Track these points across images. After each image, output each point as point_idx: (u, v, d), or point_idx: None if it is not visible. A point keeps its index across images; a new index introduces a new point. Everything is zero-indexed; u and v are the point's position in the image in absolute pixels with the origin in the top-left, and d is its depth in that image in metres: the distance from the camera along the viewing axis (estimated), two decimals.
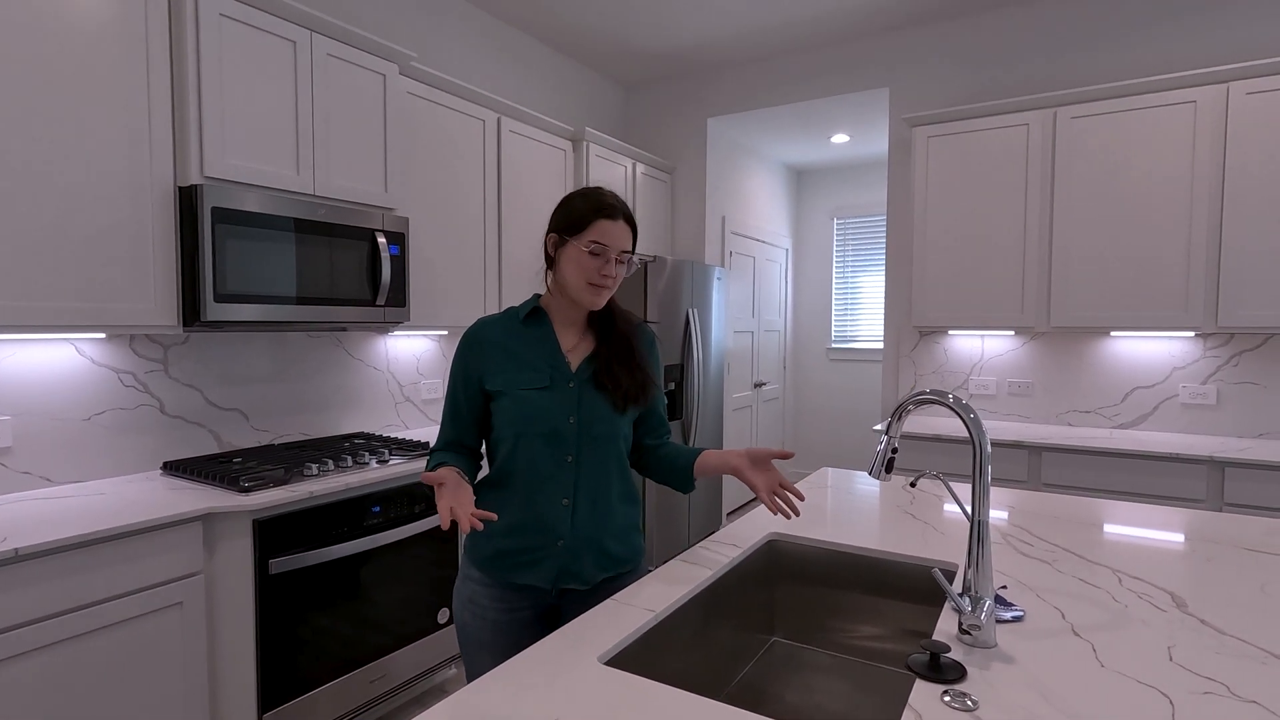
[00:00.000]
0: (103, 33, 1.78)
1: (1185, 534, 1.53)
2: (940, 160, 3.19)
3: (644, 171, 4.01)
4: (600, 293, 1.27)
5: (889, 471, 1.19)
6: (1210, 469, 2.51)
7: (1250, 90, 2.57)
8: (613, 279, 1.27)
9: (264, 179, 2.08)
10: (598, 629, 1.06)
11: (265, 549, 1.86)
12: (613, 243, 1.25)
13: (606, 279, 1.26)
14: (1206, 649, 0.98)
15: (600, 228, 1.24)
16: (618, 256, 1.26)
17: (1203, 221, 2.67)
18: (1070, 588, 1.21)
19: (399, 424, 2.94)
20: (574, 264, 1.26)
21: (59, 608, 1.52)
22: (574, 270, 1.26)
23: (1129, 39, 3.04)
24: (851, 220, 5.50)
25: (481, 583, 1.29)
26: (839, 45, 3.74)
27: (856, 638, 1.43)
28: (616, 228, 1.26)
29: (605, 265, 1.25)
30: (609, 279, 1.26)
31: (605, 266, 1.25)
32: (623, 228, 1.27)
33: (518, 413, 1.25)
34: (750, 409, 5.00)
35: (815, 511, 1.70)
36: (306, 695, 1.97)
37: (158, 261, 1.90)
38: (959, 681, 0.90)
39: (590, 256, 1.24)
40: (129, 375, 2.10)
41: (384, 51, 2.42)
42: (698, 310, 3.79)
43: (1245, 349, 2.85)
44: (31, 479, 1.91)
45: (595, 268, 1.25)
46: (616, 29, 3.58)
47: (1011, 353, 3.31)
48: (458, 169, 2.83)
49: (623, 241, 1.27)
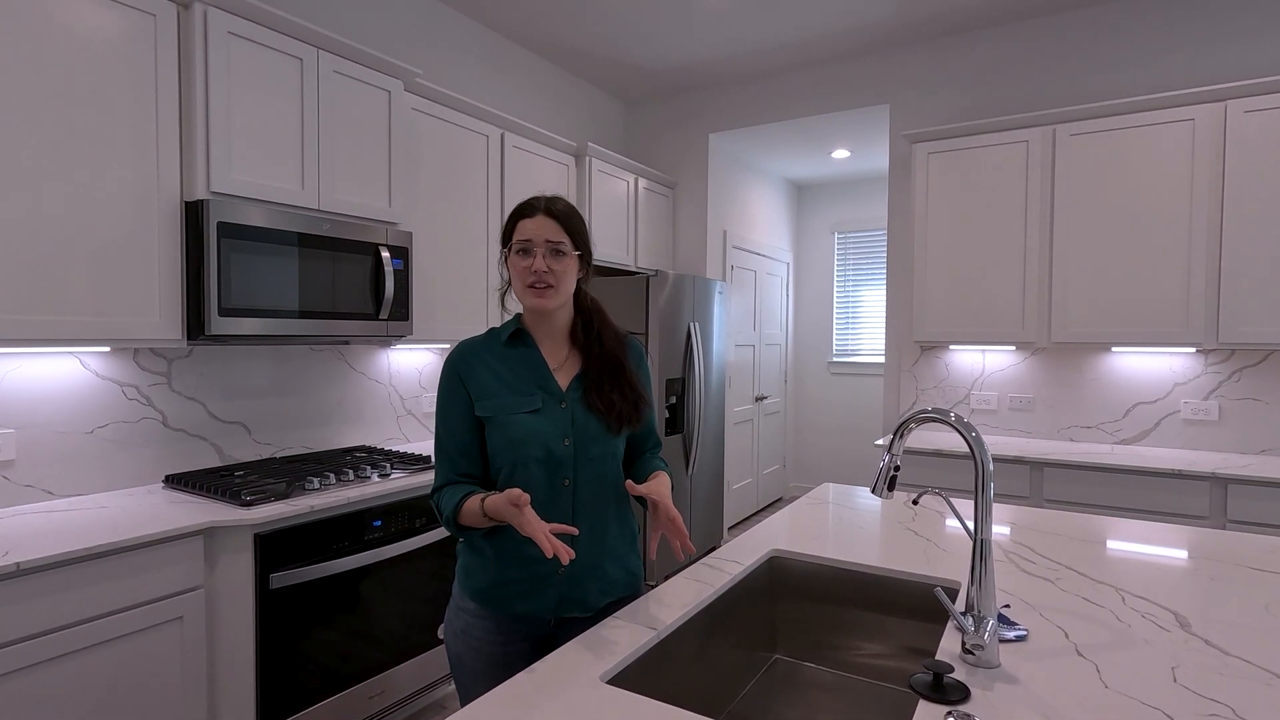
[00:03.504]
0: (112, 50, 1.80)
1: (1188, 552, 1.53)
2: (940, 176, 3.21)
3: (646, 186, 4.04)
4: (542, 293, 1.23)
5: (891, 489, 1.19)
6: (1213, 485, 2.51)
7: (1249, 108, 2.59)
8: (549, 273, 1.22)
9: (269, 194, 2.10)
10: (599, 647, 1.06)
11: (266, 563, 1.86)
12: (535, 236, 1.22)
13: (539, 274, 1.22)
14: (1211, 670, 0.98)
15: (521, 227, 1.24)
16: (547, 249, 1.22)
17: (1202, 237, 2.68)
18: (1073, 606, 1.21)
19: (400, 437, 2.94)
20: (513, 271, 1.25)
21: (60, 622, 1.51)
22: (514, 277, 1.25)
23: (1128, 57, 3.07)
24: (852, 235, 5.52)
25: (476, 614, 1.25)
26: (840, 62, 3.78)
27: (859, 655, 1.42)
28: (536, 222, 1.23)
29: (533, 261, 1.22)
30: (542, 273, 1.22)
31: (534, 262, 1.22)
32: (543, 220, 1.23)
33: (511, 438, 1.22)
34: (751, 422, 5.00)
35: (817, 528, 1.70)
36: (306, 710, 1.96)
37: (163, 275, 1.91)
38: (962, 703, 0.89)
39: (520, 257, 1.23)
40: (132, 388, 2.11)
41: (389, 68, 2.45)
42: (699, 324, 3.80)
43: (1247, 365, 2.85)
44: (34, 492, 1.91)
45: (526, 266, 1.22)
46: (619, 46, 3.62)
47: (1013, 368, 3.32)
48: (461, 184, 2.85)
49: (545, 233, 1.22)
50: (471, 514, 1.18)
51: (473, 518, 1.18)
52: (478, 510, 1.16)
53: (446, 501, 1.22)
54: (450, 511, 1.21)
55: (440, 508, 1.24)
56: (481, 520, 1.17)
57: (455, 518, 1.21)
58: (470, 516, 1.19)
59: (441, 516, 1.23)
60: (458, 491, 1.22)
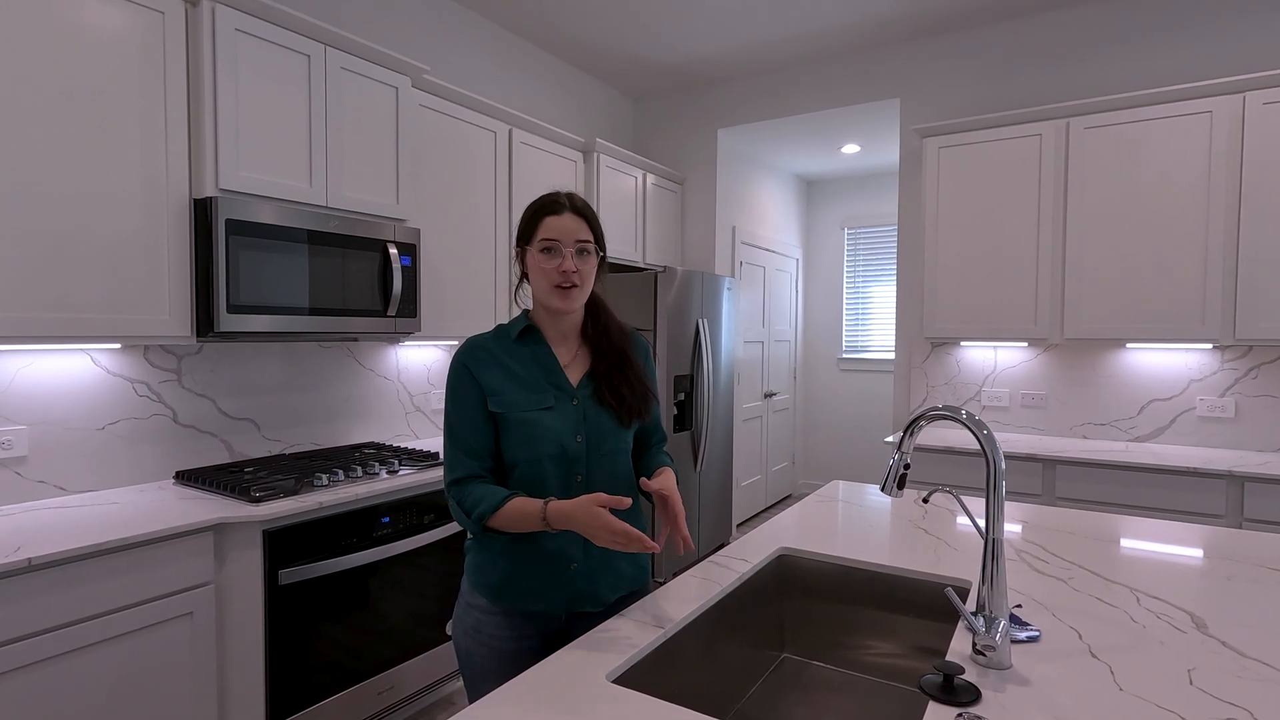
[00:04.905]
0: (121, 47, 1.81)
1: (1204, 551, 1.50)
2: (952, 171, 3.17)
3: (654, 182, 4.02)
4: (569, 294, 1.21)
5: (901, 487, 1.18)
6: (1229, 484, 2.47)
7: (1267, 100, 2.55)
8: (577, 274, 1.21)
9: (277, 191, 2.10)
10: (606, 646, 1.05)
11: (275, 559, 1.87)
12: (563, 236, 1.20)
13: (567, 275, 1.20)
14: (1228, 672, 0.96)
15: (547, 225, 1.22)
16: (575, 249, 1.21)
17: (1219, 232, 2.64)
18: (1087, 607, 1.19)
19: (409, 434, 2.95)
20: (536, 270, 1.23)
21: (70, 617, 1.53)
22: (537, 276, 1.23)
23: (1142, 49, 3.02)
24: (862, 230, 5.48)
25: (488, 611, 1.24)
26: (850, 56, 3.74)
27: (868, 655, 1.41)
28: (564, 221, 1.21)
29: (562, 261, 1.20)
30: (570, 274, 1.20)
31: (563, 262, 1.20)
32: (571, 219, 1.22)
33: (524, 435, 1.21)
34: (760, 419, 4.98)
35: (826, 525, 1.68)
36: (316, 706, 1.97)
37: (172, 273, 1.92)
38: (973, 704, 0.88)
39: (546, 256, 1.21)
40: (143, 385, 2.12)
41: (396, 65, 2.45)
42: (708, 320, 3.79)
43: (1264, 361, 2.80)
44: (46, 488, 1.93)
45: (554, 266, 1.20)
46: (626, 42, 3.60)
47: (1025, 364, 3.28)
48: (469, 180, 2.84)
49: (575, 232, 1.21)
50: (519, 516, 1.13)
51: (520, 521, 1.13)
52: (535, 516, 1.12)
53: (476, 500, 1.17)
54: (485, 510, 1.15)
55: (465, 506, 1.18)
56: (536, 525, 1.12)
57: (489, 517, 1.16)
58: (516, 521, 1.14)
59: (467, 514, 1.18)
60: (494, 492, 1.17)
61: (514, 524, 1.15)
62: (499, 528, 1.17)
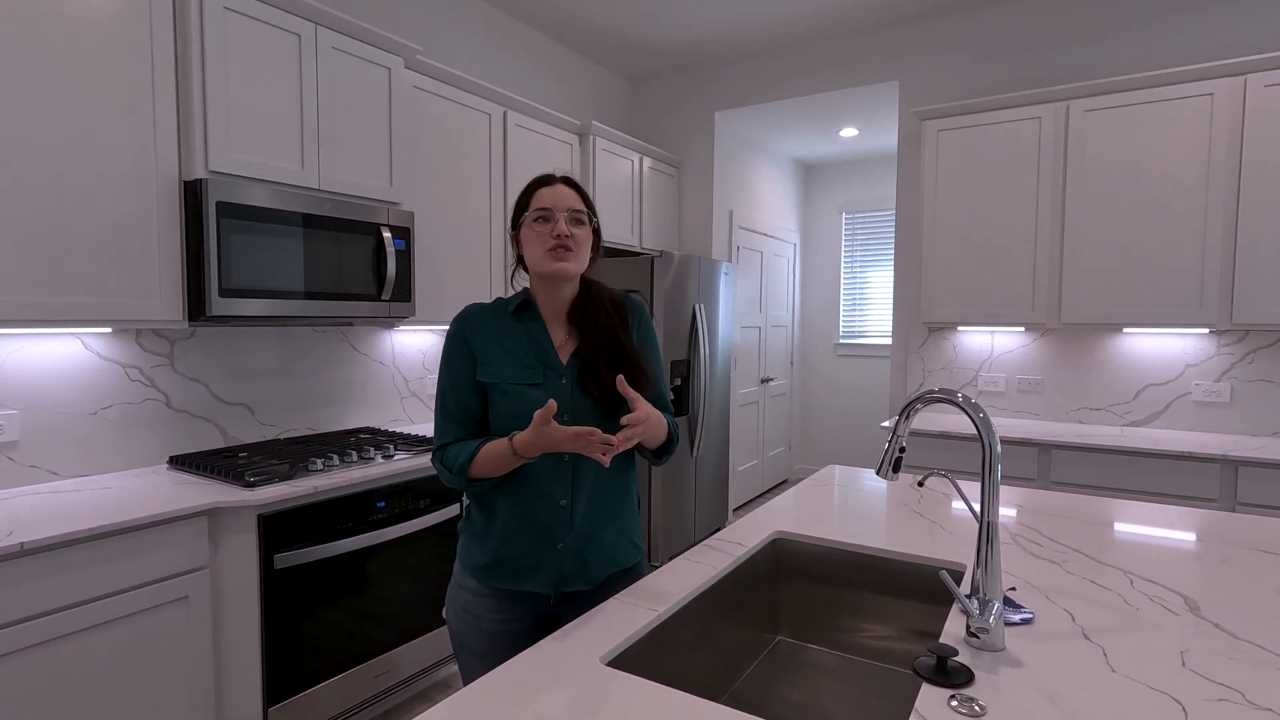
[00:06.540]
0: (108, 27, 1.77)
1: (1198, 535, 1.51)
2: (950, 154, 3.15)
3: (651, 165, 3.99)
4: (563, 256, 1.23)
5: (896, 471, 1.17)
6: (1223, 468, 2.48)
7: (1269, 83, 2.52)
8: (570, 238, 1.23)
9: (269, 173, 2.08)
10: (600, 629, 1.05)
11: (270, 544, 1.86)
12: (556, 203, 1.24)
13: (561, 239, 1.22)
14: (1220, 654, 0.96)
15: (540, 195, 1.25)
16: (569, 216, 1.24)
17: (1218, 216, 2.63)
18: (1080, 589, 1.19)
19: (404, 418, 2.94)
20: (530, 241, 1.25)
21: (65, 602, 1.52)
22: (532, 246, 1.25)
23: (1143, 31, 2.99)
24: (860, 215, 5.45)
25: (477, 592, 1.25)
26: (848, 38, 3.70)
27: (862, 637, 1.41)
28: (556, 191, 1.25)
29: (555, 225, 1.23)
30: (564, 238, 1.23)
31: (555, 226, 1.22)
32: (563, 189, 1.26)
33: (511, 410, 1.22)
34: (757, 404, 4.98)
35: (822, 509, 1.68)
36: (312, 690, 1.98)
37: (163, 256, 1.90)
38: (966, 686, 0.88)
39: (540, 224, 1.24)
40: (135, 370, 2.11)
41: (389, 45, 2.41)
42: (704, 305, 3.77)
43: (1260, 346, 2.80)
44: (38, 473, 1.92)
45: (547, 232, 1.23)
46: (623, 23, 3.55)
47: (1022, 349, 3.28)
48: (463, 163, 2.81)
49: (567, 201, 1.25)
50: (494, 458, 1.16)
51: (495, 462, 1.17)
52: (506, 451, 1.15)
53: (455, 455, 1.21)
54: (464, 461, 1.19)
55: (447, 463, 1.22)
56: (509, 462, 1.16)
57: (468, 467, 1.19)
58: (491, 463, 1.17)
59: (449, 471, 1.21)
60: (467, 445, 1.21)
61: (491, 467, 1.18)
62: (480, 475, 1.20)
